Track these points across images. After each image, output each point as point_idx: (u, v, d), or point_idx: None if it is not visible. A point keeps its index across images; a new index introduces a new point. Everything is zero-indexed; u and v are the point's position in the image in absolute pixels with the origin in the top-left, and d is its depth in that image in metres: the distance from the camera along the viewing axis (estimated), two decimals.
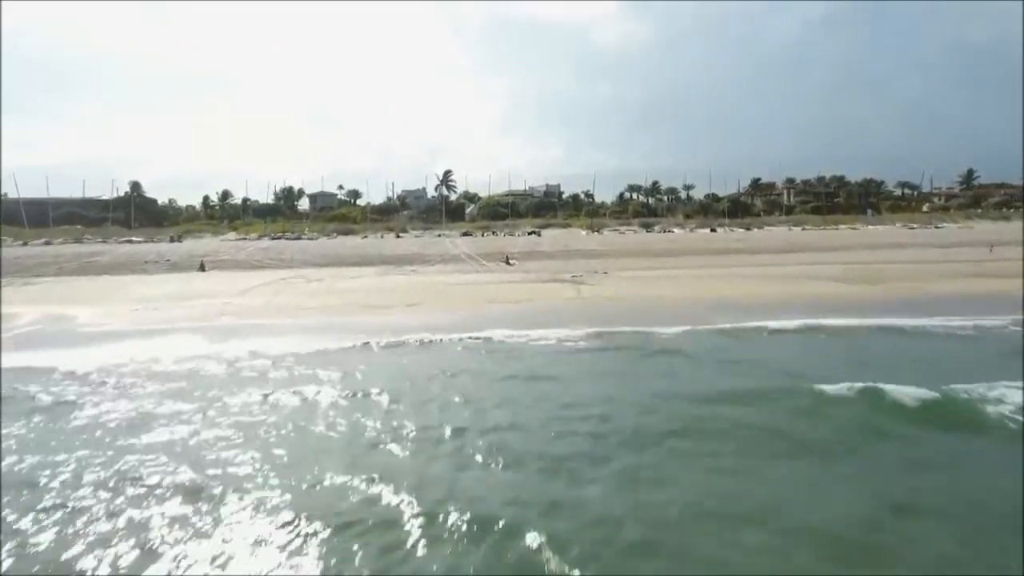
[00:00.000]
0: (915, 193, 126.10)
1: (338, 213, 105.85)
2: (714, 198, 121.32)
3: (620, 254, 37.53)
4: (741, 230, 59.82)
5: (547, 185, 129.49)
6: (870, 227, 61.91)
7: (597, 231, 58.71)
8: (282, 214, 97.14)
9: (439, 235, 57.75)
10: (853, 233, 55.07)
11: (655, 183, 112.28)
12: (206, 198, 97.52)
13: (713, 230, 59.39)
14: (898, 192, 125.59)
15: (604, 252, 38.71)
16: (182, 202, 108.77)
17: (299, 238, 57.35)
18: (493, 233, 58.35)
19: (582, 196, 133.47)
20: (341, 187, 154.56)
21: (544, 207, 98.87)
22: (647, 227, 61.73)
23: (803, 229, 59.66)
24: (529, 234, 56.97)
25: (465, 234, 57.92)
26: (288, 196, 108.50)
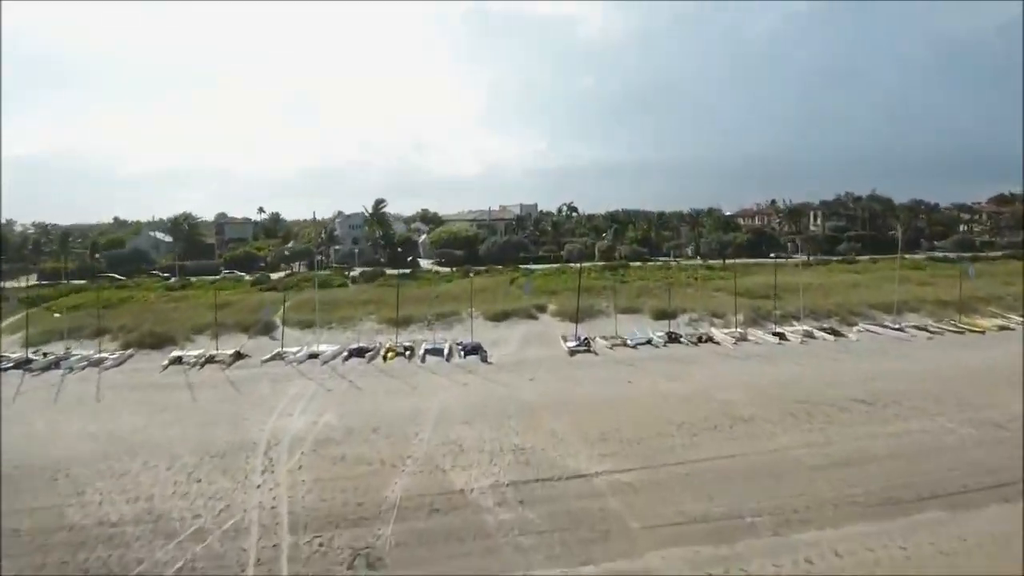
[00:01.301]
0: (970, 217, 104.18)
1: (249, 251, 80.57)
2: (727, 224, 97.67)
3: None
4: (828, 336, 35.83)
5: (521, 206, 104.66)
6: (1017, 321, 38.49)
7: (586, 347, 34.29)
8: (146, 258, 71.05)
9: (312, 355, 32.77)
10: None
11: (661, 214, 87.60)
12: (36, 242, 68.29)
13: (782, 337, 35.37)
14: (940, 214, 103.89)
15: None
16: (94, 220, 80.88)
17: (57, 364, 31.99)
18: (406, 353, 33.45)
19: (565, 212, 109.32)
20: (261, 210, 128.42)
21: (514, 247, 73.97)
22: (670, 330, 37.45)
23: (929, 337, 35.92)
24: (467, 355, 32.43)
25: (356, 355, 33.04)
26: (174, 225, 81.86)
